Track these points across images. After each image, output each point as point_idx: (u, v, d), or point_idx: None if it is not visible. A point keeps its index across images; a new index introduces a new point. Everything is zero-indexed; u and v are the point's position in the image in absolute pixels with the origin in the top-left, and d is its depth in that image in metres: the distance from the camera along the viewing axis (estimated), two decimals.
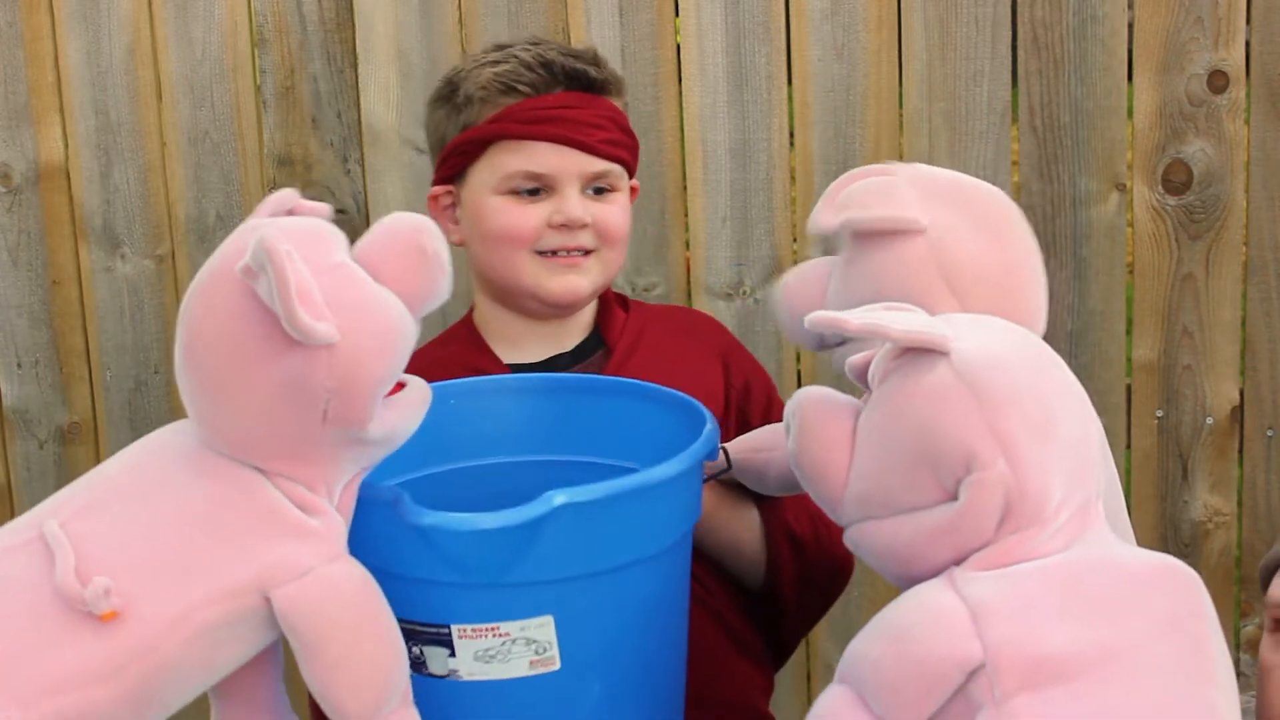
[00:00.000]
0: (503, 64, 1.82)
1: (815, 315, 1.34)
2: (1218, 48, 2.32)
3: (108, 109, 2.48)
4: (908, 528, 1.30)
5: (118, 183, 2.50)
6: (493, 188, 1.82)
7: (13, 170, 2.50)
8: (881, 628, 1.28)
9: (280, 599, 1.25)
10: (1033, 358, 1.33)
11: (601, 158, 1.82)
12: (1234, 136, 2.35)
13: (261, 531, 1.26)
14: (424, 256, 1.33)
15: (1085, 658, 1.21)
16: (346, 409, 1.26)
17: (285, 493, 1.28)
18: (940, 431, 1.27)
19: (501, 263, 1.84)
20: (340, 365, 1.24)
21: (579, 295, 1.84)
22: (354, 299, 1.27)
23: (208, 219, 2.49)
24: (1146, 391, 2.43)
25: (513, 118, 1.80)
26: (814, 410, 1.36)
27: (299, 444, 1.27)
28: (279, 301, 1.21)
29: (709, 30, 2.38)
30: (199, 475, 1.29)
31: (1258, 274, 2.38)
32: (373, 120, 2.45)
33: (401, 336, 1.30)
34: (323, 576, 1.26)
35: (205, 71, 2.46)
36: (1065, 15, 2.34)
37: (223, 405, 1.27)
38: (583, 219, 1.81)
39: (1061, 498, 1.28)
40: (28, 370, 2.57)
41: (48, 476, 2.59)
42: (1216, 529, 2.44)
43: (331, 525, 1.29)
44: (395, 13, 2.43)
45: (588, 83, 1.82)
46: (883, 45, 2.38)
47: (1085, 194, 2.38)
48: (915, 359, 1.30)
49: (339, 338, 1.24)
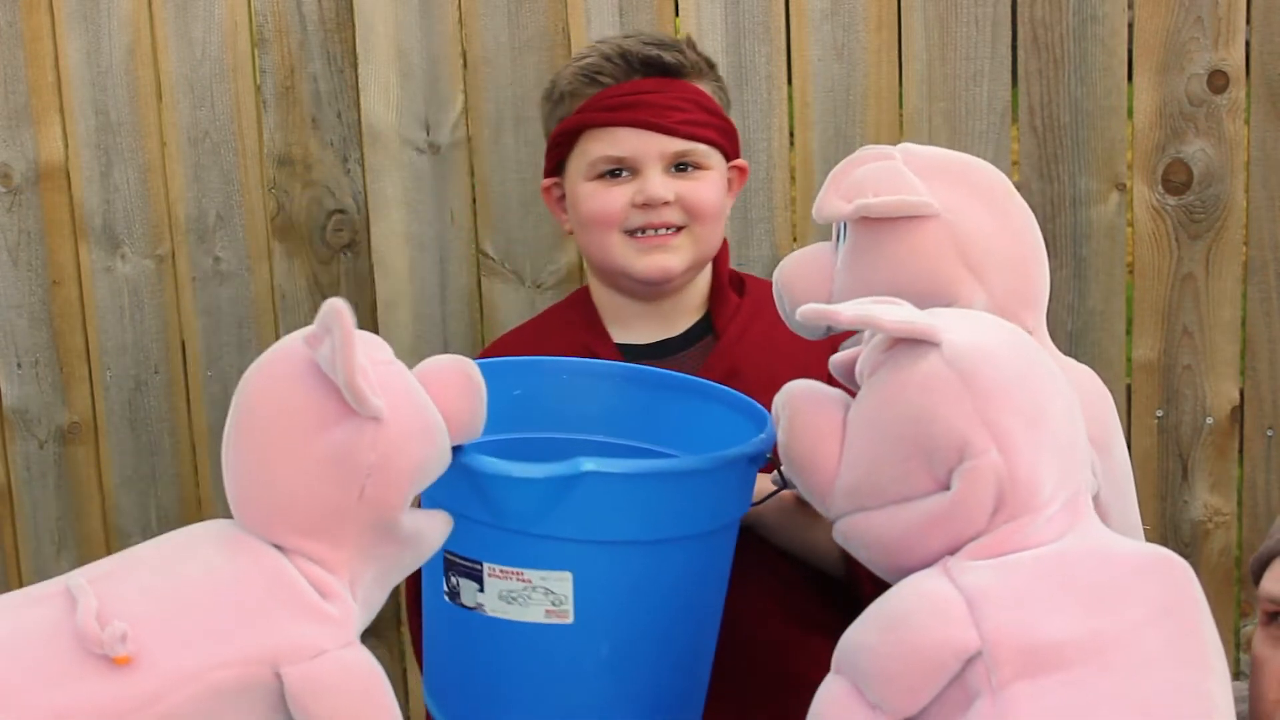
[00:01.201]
0: (587, 58, 1.92)
1: (806, 309, 1.35)
2: (1218, 48, 2.32)
3: (108, 109, 2.48)
4: (900, 518, 1.30)
5: (118, 183, 2.50)
6: (584, 175, 1.91)
7: (13, 170, 2.50)
8: (878, 617, 1.29)
9: (292, 676, 1.28)
10: (1021, 351, 1.34)
11: (681, 137, 1.88)
12: (1234, 136, 2.35)
13: (281, 608, 1.29)
14: (467, 381, 1.38)
15: (1081, 646, 1.22)
16: (383, 489, 1.31)
17: (304, 573, 1.31)
18: (933, 420, 1.28)
19: (596, 245, 1.92)
20: (384, 443, 1.30)
21: (669, 273, 1.90)
22: (402, 387, 1.33)
23: (208, 219, 2.49)
24: (1146, 391, 2.43)
25: (595, 106, 1.89)
26: (804, 402, 1.37)
27: (332, 521, 1.31)
28: (339, 362, 1.26)
29: (709, 30, 2.38)
30: (223, 549, 1.32)
31: (1258, 274, 2.38)
32: (373, 120, 2.45)
33: (440, 437, 1.34)
34: (335, 660, 1.29)
35: (205, 71, 2.46)
36: (1065, 15, 2.34)
37: (267, 473, 1.31)
38: (663, 196, 1.87)
39: (1053, 487, 1.29)
40: (28, 370, 2.57)
41: (48, 477, 2.59)
42: (1216, 529, 2.44)
43: (347, 613, 1.32)
44: (395, 13, 2.43)
45: (664, 68, 1.89)
46: (883, 45, 2.38)
47: (1085, 194, 2.38)
48: (906, 350, 1.31)
49: (387, 414, 1.29)
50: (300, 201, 2.48)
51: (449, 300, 2.50)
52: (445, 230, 2.48)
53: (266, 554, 1.31)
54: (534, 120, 2.43)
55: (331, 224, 2.49)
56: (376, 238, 2.48)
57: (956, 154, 1.57)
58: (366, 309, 2.49)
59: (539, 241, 2.47)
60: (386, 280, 2.49)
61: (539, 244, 2.47)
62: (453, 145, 2.46)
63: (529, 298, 2.48)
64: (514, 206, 2.47)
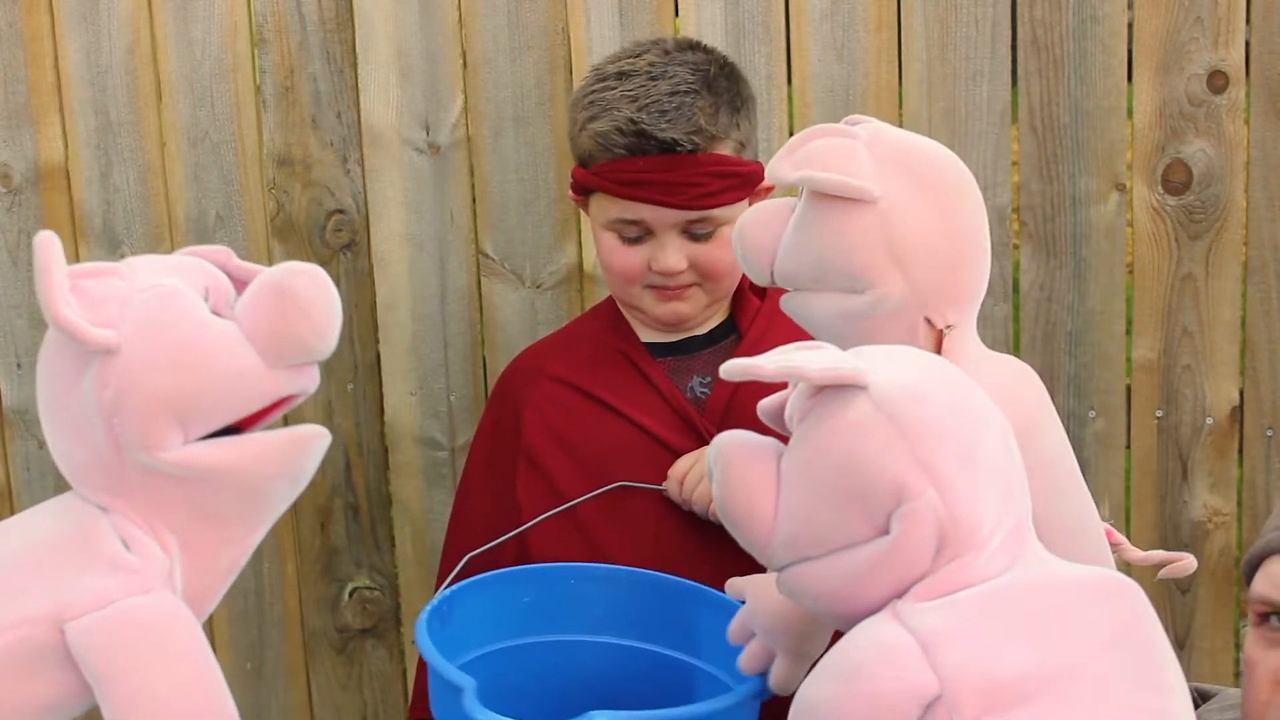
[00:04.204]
0: (604, 119, 1.91)
1: (729, 366, 1.32)
2: (1218, 48, 2.32)
3: (108, 109, 2.48)
4: (841, 566, 1.28)
5: (118, 183, 2.50)
6: (603, 224, 1.97)
7: (13, 170, 2.50)
8: (831, 668, 1.26)
9: (72, 631, 1.21)
10: (949, 385, 1.32)
11: (695, 210, 1.90)
12: (1234, 136, 2.35)
13: (74, 565, 1.23)
14: (278, 294, 1.28)
15: (1041, 677, 1.20)
16: (131, 425, 1.23)
17: (117, 529, 1.25)
18: (866, 465, 1.26)
19: (616, 288, 2.02)
20: (117, 376, 1.23)
21: (684, 318, 1.98)
22: (160, 316, 1.24)
23: (208, 219, 2.48)
24: (1146, 391, 2.43)
25: (609, 176, 1.92)
26: (737, 454, 1.34)
27: (107, 474, 1.26)
28: (41, 296, 1.21)
29: (709, 30, 2.38)
30: (52, 514, 1.29)
31: (1258, 274, 2.38)
32: (373, 120, 2.45)
33: (204, 360, 1.25)
34: (120, 609, 1.21)
35: (205, 71, 2.46)
36: (1065, 15, 2.34)
37: (52, 440, 1.29)
38: (677, 268, 1.93)
39: (994, 522, 1.27)
40: (28, 370, 2.57)
41: (47, 477, 2.58)
42: (1216, 529, 2.44)
43: (151, 562, 1.25)
44: (395, 13, 2.43)
45: (679, 148, 1.89)
46: (883, 45, 2.38)
47: (1085, 194, 2.38)
48: (833, 395, 1.29)
49: (118, 345, 1.22)
50: (300, 201, 2.48)
51: (449, 300, 2.50)
52: (445, 230, 2.48)
53: (86, 514, 1.27)
54: (534, 120, 2.43)
55: (331, 224, 2.49)
56: (376, 238, 2.48)
57: (926, 144, 1.59)
58: (366, 309, 2.49)
59: (539, 241, 2.47)
60: (386, 280, 2.49)
61: (539, 244, 2.47)
62: (453, 145, 2.46)
63: (529, 298, 2.48)
64: (514, 206, 2.47)
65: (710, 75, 1.94)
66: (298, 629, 2.59)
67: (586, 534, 1.92)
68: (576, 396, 2.01)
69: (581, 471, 1.94)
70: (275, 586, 2.57)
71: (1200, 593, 2.45)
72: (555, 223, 2.46)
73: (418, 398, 2.51)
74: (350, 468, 2.53)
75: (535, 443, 2.00)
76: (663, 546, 1.91)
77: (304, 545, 2.56)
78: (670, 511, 1.92)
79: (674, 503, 1.92)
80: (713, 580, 1.66)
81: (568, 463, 1.97)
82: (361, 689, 2.58)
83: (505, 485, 2.01)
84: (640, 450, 1.94)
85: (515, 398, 2.05)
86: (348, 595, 2.57)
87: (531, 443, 2.00)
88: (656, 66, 1.93)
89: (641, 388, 1.98)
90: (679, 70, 1.93)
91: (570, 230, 2.45)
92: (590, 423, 1.99)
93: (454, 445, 2.51)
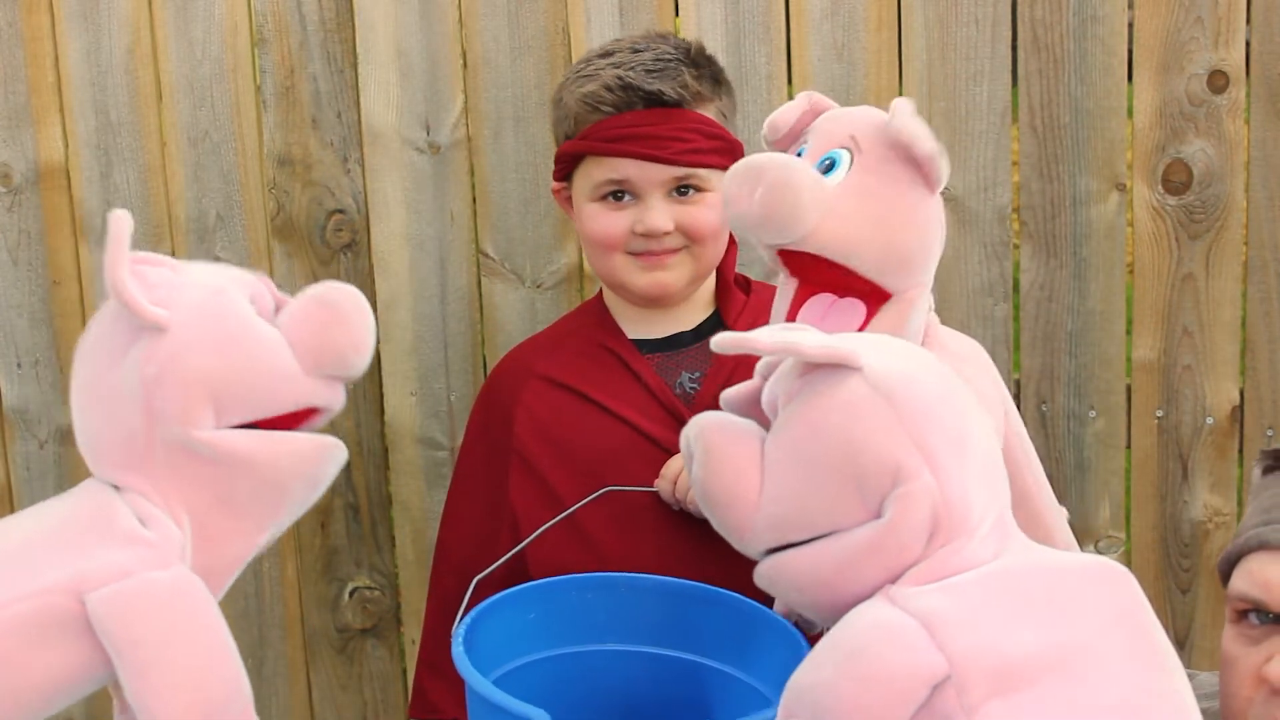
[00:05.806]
0: (591, 81, 1.94)
1: (722, 338, 1.32)
2: (1218, 48, 2.32)
3: (108, 109, 2.48)
4: (831, 551, 1.26)
5: (118, 183, 2.50)
6: (588, 195, 1.96)
7: (13, 170, 2.50)
8: (831, 652, 1.23)
9: (93, 601, 1.24)
10: (936, 372, 1.32)
11: (681, 165, 1.92)
12: (1234, 136, 2.35)
13: (92, 539, 1.27)
14: (322, 305, 1.35)
15: (1046, 659, 1.20)
16: (169, 402, 1.28)
17: (132, 507, 1.29)
18: (863, 445, 1.25)
19: (600, 261, 2.00)
20: (163, 353, 1.28)
21: (667, 289, 1.97)
22: (211, 308, 1.31)
23: (208, 219, 2.49)
24: (1146, 391, 2.43)
25: (596, 136, 1.93)
26: (718, 436, 1.32)
27: (132, 451, 1.29)
28: (107, 266, 1.26)
29: (709, 30, 2.38)
30: (69, 496, 1.32)
31: (1258, 274, 2.38)
32: (372, 120, 2.45)
33: (247, 352, 1.30)
34: (140, 581, 1.25)
35: (205, 71, 2.46)
36: (1065, 15, 2.34)
37: (81, 415, 1.32)
38: (663, 227, 1.93)
39: (982, 507, 1.27)
40: (28, 370, 2.57)
41: (47, 477, 2.59)
42: (1216, 529, 2.44)
43: (167, 538, 1.28)
44: (395, 13, 2.43)
45: (665, 100, 1.92)
46: (883, 45, 2.38)
47: (1085, 194, 2.38)
48: (825, 375, 1.28)
49: (171, 326, 1.27)
50: (300, 201, 2.48)
51: (449, 300, 2.50)
52: (445, 230, 2.48)
53: (101, 493, 1.30)
54: (534, 120, 2.43)
55: (331, 224, 2.49)
56: (376, 238, 2.48)
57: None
58: None
59: (539, 241, 2.47)
60: (386, 280, 2.49)
61: (539, 244, 2.47)
62: (453, 145, 2.46)
63: (529, 298, 2.48)
64: (514, 206, 2.47)
65: (692, 52, 1.99)
66: (298, 628, 2.59)
67: (584, 538, 1.92)
68: (566, 395, 2.01)
69: (573, 472, 1.95)
70: (275, 586, 2.57)
71: (1200, 593, 2.45)
72: (555, 222, 2.46)
73: (418, 398, 2.51)
74: (350, 467, 2.53)
75: (527, 443, 2.00)
76: (661, 546, 1.91)
77: (304, 545, 2.56)
78: (666, 510, 1.93)
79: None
80: (713, 578, 1.66)
81: (560, 463, 1.98)
82: (361, 688, 2.58)
83: (497, 486, 2.01)
84: (631, 449, 1.95)
85: (505, 398, 2.05)
86: (348, 595, 2.58)
87: (523, 443, 2.00)
88: (639, 44, 1.99)
89: (630, 385, 1.99)
90: (662, 45, 1.98)
91: (570, 230, 2.45)
92: (581, 422, 1.99)
93: (454, 445, 2.51)
